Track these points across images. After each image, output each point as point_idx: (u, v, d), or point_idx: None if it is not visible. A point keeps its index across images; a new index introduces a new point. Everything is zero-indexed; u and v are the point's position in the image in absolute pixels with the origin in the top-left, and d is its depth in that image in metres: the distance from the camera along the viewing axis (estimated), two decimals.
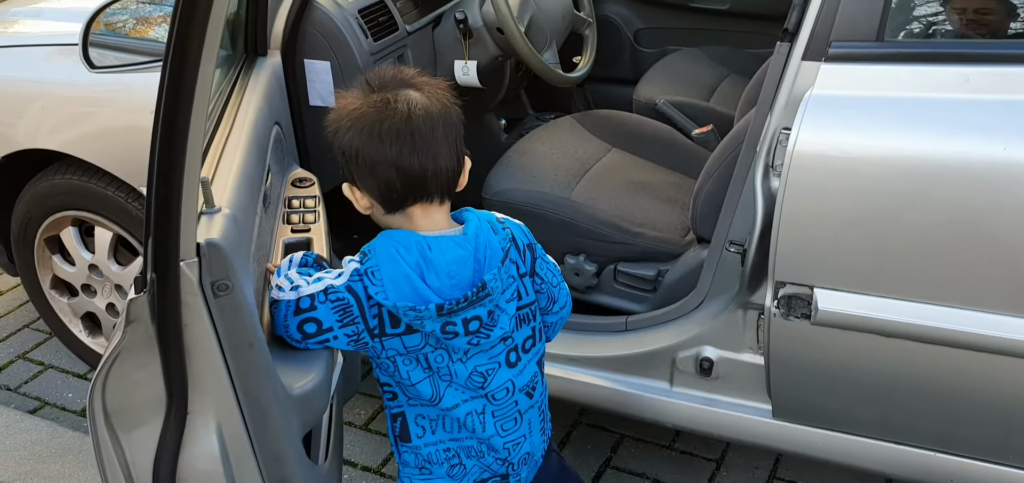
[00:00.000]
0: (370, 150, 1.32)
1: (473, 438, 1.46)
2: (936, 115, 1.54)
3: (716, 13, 3.40)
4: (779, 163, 1.70)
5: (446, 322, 1.33)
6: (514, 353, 1.46)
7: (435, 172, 1.34)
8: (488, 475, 1.51)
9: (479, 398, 1.44)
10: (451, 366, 1.40)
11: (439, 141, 1.34)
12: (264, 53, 1.94)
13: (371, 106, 1.33)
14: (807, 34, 1.63)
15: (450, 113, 1.38)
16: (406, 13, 2.50)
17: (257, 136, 1.56)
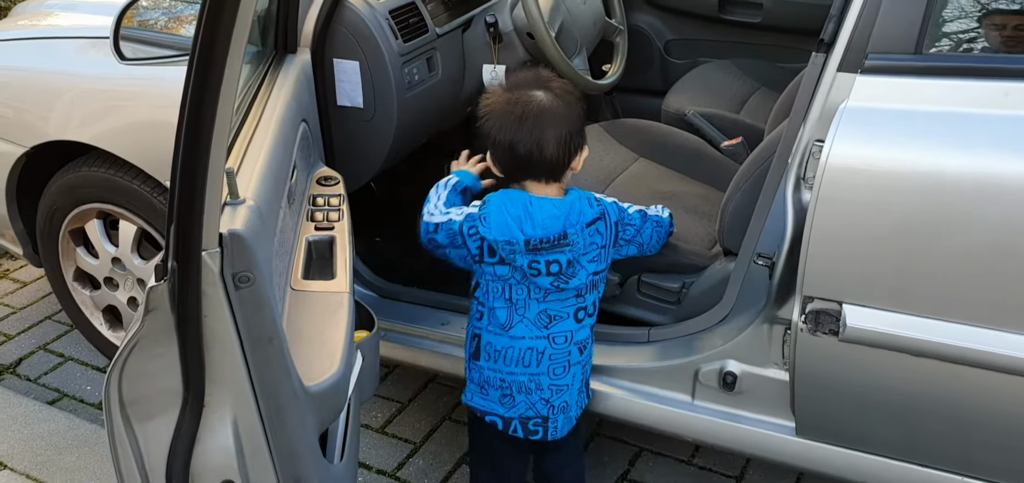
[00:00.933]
0: (495, 133, 1.73)
1: (526, 374, 1.81)
2: (974, 131, 1.50)
3: (748, 26, 3.37)
4: (811, 175, 1.67)
5: (532, 260, 1.71)
6: (582, 312, 1.83)
7: (540, 158, 1.69)
8: (532, 413, 1.84)
9: (542, 338, 1.79)
10: (528, 302, 1.78)
11: (547, 133, 1.68)
12: (294, 50, 1.94)
13: (505, 100, 1.73)
14: (843, 45, 1.60)
15: (566, 112, 1.72)
16: (437, 15, 2.49)
17: (284, 132, 1.55)
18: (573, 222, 1.72)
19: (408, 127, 2.31)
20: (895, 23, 1.55)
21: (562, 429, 1.89)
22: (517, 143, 1.69)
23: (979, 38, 1.59)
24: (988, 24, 1.65)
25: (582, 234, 1.73)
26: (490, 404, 1.85)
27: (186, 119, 0.96)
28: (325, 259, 1.60)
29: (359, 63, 2.17)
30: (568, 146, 1.71)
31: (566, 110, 1.72)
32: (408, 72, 2.24)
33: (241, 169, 1.26)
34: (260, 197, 1.20)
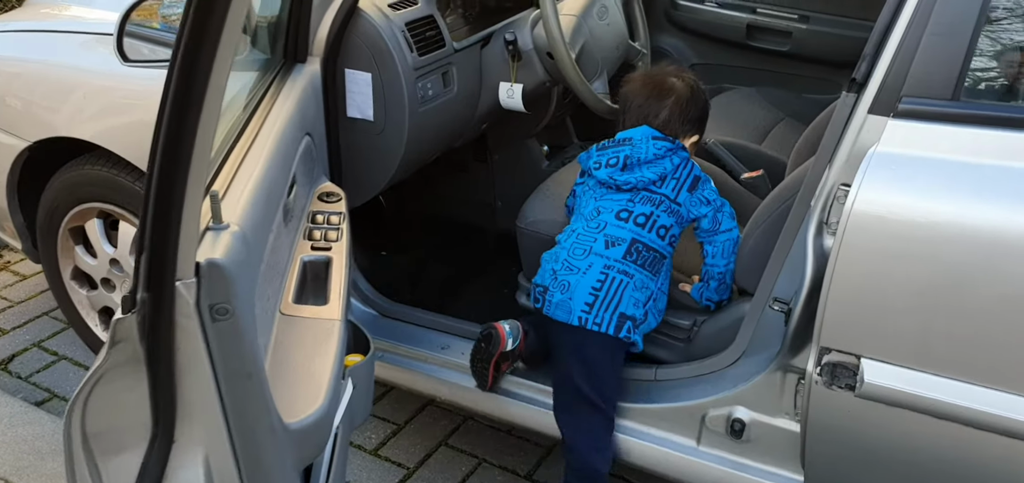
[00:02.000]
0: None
1: (557, 246, 2.00)
2: (1012, 186, 1.41)
3: (775, 54, 3.29)
4: (834, 220, 1.59)
5: (596, 160, 1.99)
6: (626, 213, 1.95)
7: (652, 121, 2.01)
8: (540, 281, 1.98)
9: (583, 222, 1.99)
10: (587, 200, 2.01)
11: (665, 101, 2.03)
12: (304, 60, 1.88)
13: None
14: (876, 86, 1.52)
15: (691, 96, 2.06)
16: (455, 29, 2.42)
17: (283, 146, 1.49)
18: (639, 133, 1.97)
19: (419, 143, 2.24)
20: (932, 67, 1.47)
21: (556, 310, 1.92)
22: (632, 104, 2.03)
23: (1020, 87, 1.50)
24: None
25: (648, 142, 1.95)
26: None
27: (163, 135, 0.89)
28: (320, 280, 1.53)
29: (372, 75, 2.11)
30: (678, 124, 2.01)
31: (690, 97, 2.04)
32: (422, 87, 2.17)
33: (231, 187, 1.19)
34: (248, 220, 1.13)
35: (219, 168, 1.23)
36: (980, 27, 1.43)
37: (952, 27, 1.45)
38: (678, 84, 2.05)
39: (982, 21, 1.43)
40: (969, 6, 1.43)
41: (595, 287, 1.90)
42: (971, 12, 1.43)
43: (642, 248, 1.93)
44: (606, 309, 1.90)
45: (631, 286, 1.91)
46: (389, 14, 2.11)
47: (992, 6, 1.44)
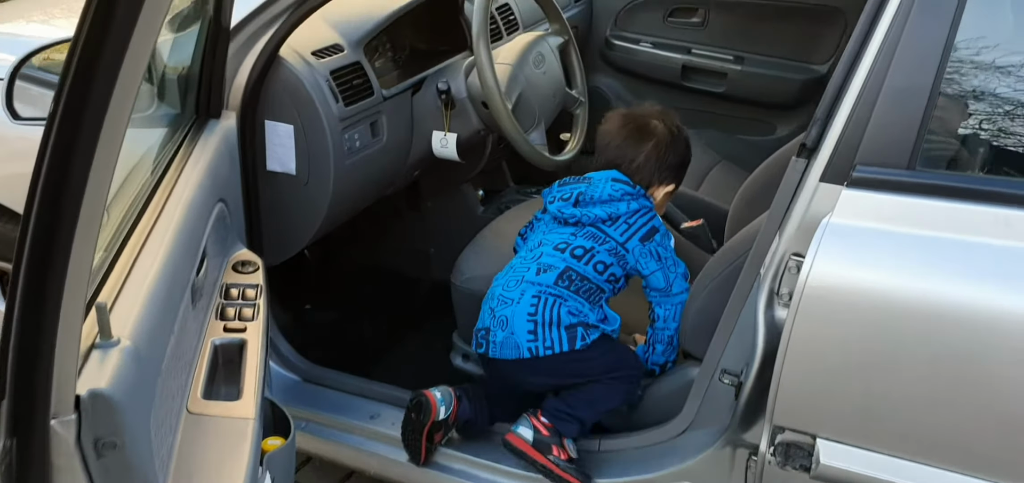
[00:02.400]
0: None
1: (492, 289, 1.91)
2: (973, 261, 1.35)
3: (711, 95, 3.26)
4: (786, 291, 1.52)
5: (554, 191, 1.93)
6: (565, 246, 1.86)
7: (627, 166, 1.93)
8: (481, 324, 1.89)
9: (522, 254, 1.93)
10: (535, 233, 1.97)
11: (644, 146, 1.95)
12: (218, 114, 1.72)
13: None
14: (828, 153, 1.44)
15: (670, 140, 1.97)
16: (385, 74, 2.30)
17: (192, 219, 1.34)
18: (602, 174, 1.91)
19: (346, 195, 2.11)
20: (887, 133, 1.40)
21: (501, 349, 1.82)
22: (611, 145, 1.96)
23: (980, 156, 1.45)
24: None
25: (606, 182, 1.88)
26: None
27: (30, 238, 0.73)
28: (233, 366, 1.38)
29: (294, 126, 1.97)
30: (654, 170, 1.94)
31: (670, 143, 1.96)
32: (349, 137, 2.04)
33: (128, 283, 1.03)
34: (142, 329, 0.98)
35: (115, 259, 1.08)
36: (936, 93, 1.37)
37: (907, 93, 1.38)
38: (659, 128, 1.96)
39: (938, 87, 1.37)
40: (924, 72, 1.37)
41: (531, 312, 1.81)
42: (926, 78, 1.37)
43: (575, 276, 1.84)
44: (550, 328, 1.80)
45: (565, 307, 1.81)
46: (312, 62, 1.97)
47: (949, 71, 1.38)
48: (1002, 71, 1.42)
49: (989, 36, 1.42)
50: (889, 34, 1.38)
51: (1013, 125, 1.43)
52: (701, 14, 3.21)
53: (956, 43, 1.35)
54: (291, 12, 1.89)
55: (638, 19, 3.30)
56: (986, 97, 1.45)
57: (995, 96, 1.44)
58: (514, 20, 2.73)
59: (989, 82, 1.43)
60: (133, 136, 1.60)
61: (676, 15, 3.25)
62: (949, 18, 1.34)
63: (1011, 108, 1.44)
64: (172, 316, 1.13)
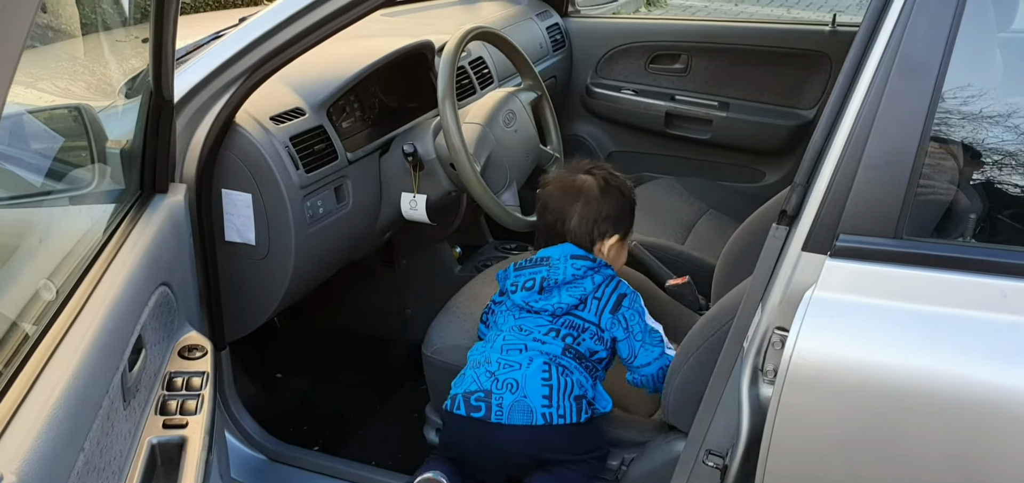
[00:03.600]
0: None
1: (478, 354, 1.81)
2: (966, 335, 1.25)
3: (696, 142, 3.19)
4: (771, 368, 1.41)
5: (513, 280, 1.83)
6: (554, 334, 1.78)
7: (562, 229, 1.85)
8: (475, 386, 1.75)
9: (503, 331, 1.82)
10: (506, 317, 1.83)
11: (572, 209, 1.85)
12: (164, 189, 1.63)
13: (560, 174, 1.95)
14: (809, 221, 1.35)
15: (600, 197, 1.86)
16: (352, 135, 2.21)
17: (120, 315, 1.24)
18: (561, 251, 1.81)
19: (309, 265, 2.01)
20: (871, 201, 1.30)
21: (509, 413, 1.71)
22: (547, 211, 1.87)
23: (971, 223, 1.35)
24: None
25: (566, 261, 1.80)
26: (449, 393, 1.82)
27: None
28: (173, 466, 1.28)
29: (252, 196, 1.87)
30: (591, 228, 1.83)
31: (601, 196, 1.84)
32: (311, 205, 1.95)
33: (21, 410, 0.93)
34: (41, 453, 0.88)
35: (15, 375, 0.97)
36: (921, 158, 1.28)
37: (890, 158, 1.29)
38: (587, 182, 1.86)
39: (923, 152, 1.28)
40: (907, 136, 1.28)
41: (545, 378, 1.73)
42: (910, 142, 1.27)
43: (573, 355, 1.78)
44: (564, 397, 1.73)
45: (573, 379, 1.76)
46: (270, 128, 1.89)
47: (934, 134, 1.29)
48: (991, 133, 1.33)
49: (975, 97, 1.33)
50: (868, 96, 1.29)
51: (1005, 189, 1.34)
52: (684, 60, 3.14)
53: (940, 105, 1.26)
54: (247, 77, 1.80)
55: (619, 66, 3.23)
56: (975, 161, 1.36)
57: (985, 159, 1.36)
58: (488, 74, 2.66)
59: (977, 145, 1.35)
60: (69, 217, 1.52)
61: (658, 61, 3.18)
62: (932, 79, 1.25)
63: (1002, 172, 1.35)
64: (83, 429, 1.02)
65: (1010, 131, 1.34)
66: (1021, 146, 1.34)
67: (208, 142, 1.79)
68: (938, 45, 1.26)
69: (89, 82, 1.82)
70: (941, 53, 1.25)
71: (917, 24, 1.27)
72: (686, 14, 8.43)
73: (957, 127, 1.33)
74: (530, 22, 3.07)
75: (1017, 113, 1.34)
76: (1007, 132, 1.34)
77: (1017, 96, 1.40)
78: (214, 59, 1.77)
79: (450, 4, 3.18)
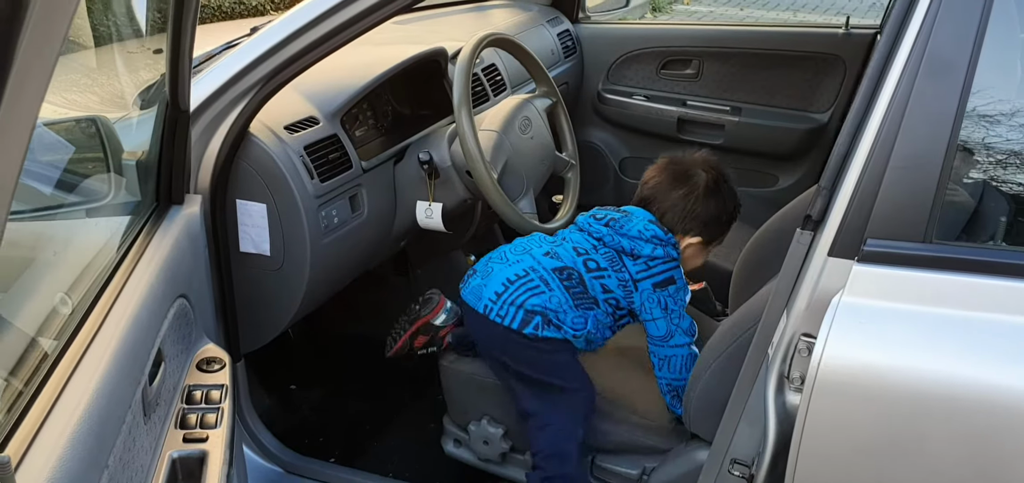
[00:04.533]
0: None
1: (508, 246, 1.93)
2: (997, 340, 1.23)
3: (708, 147, 3.13)
4: (797, 375, 1.39)
5: (587, 218, 1.91)
6: (582, 250, 1.85)
7: (654, 206, 1.90)
8: (480, 266, 1.92)
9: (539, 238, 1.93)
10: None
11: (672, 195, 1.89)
12: (180, 201, 1.62)
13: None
14: (836, 226, 1.32)
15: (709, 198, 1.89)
16: (365, 144, 2.20)
17: (141, 328, 1.22)
18: (642, 212, 1.87)
19: (325, 274, 1.99)
20: (900, 204, 1.28)
21: (469, 295, 1.88)
22: (650, 181, 1.93)
23: (1003, 226, 1.33)
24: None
25: (643, 220, 1.85)
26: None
27: None
28: (194, 480, 1.26)
29: (267, 206, 1.86)
30: (682, 218, 1.87)
31: (705, 195, 1.88)
32: (326, 214, 1.93)
33: (45, 427, 0.91)
34: (63, 476, 0.86)
35: (37, 391, 0.96)
36: (951, 160, 1.26)
37: (919, 159, 1.27)
38: (698, 176, 1.89)
39: (952, 154, 1.26)
40: (936, 138, 1.26)
41: (509, 279, 1.84)
42: (939, 144, 1.25)
43: (575, 279, 1.84)
44: (512, 301, 1.82)
45: (539, 299, 1.81)
46: (285, 138, 1.87)
47: (963, 136, 1.26)
48: (1021, 133, 1.31)
49: (1004, 97, 1.31)
50: (895, 98, 1.26)
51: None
52: (695, 65, 3.12)
53: (969, 106, 1.24)
54: (261, 86, 1.78)
55: (631, 72, 3.22)
56: (1006, 162, 1.34)
57: (1017, 161, 1.33)
58: (501, 81, 2.64)
59: (1007, 145, 1.32)
60: (86, 230, 1.51)
61: (669, 67, 3.16)
62: (960, 79, 1.23)
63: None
64: (107, 446, 1.01)
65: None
66: None
67: (223, 152, 1.77)
68: (966, 45, 1.23)
69: (103, 94, 1.81)
70: (969, 53, 1.23)
71: (944, 24, 1.25)
72: (692, 19, 8.42)
73: (986, 127, 1.30)
74: (541, 28, 3.06)
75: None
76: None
77: None
78: (227, 69, 1.76)
79: (461, 11, 3.16)
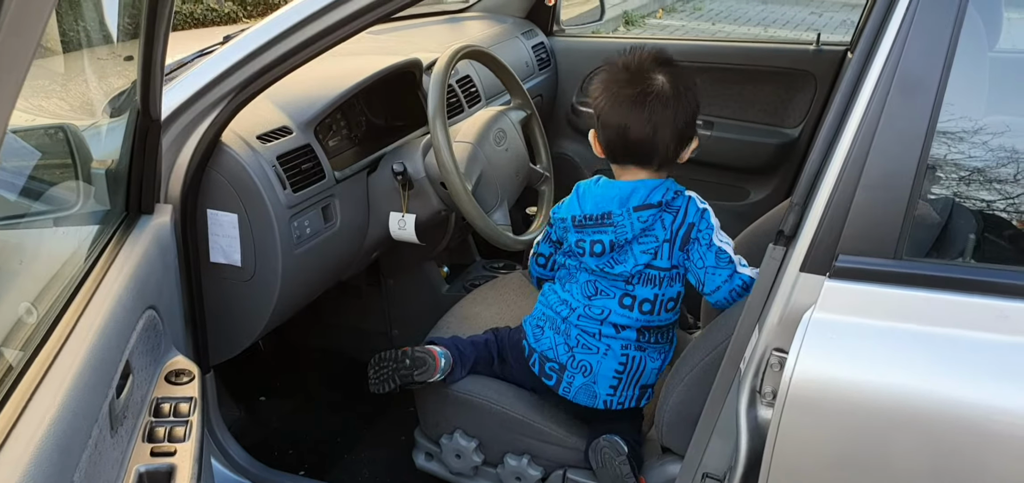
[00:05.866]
0: (606, 113, 1.71)
1: (560, 316, 1.83)
2: (967, 356, 1.25)
3: None
4: (769, 389, 1.40)
5: (579, 238, 1.77)
6: (629, 299, 1.77)
7: (651, 145, 1.68)
8: (552, 354, 1.83)
9: (582, 301, 1.80)
10: (578, 273, 1.81)
11: (664, 120, 1.66)
12: (150, 210, 1.59)
13: (624, 78, 1.69)
14: (808, 241, 1.34)
15: (685, 99, 1.68)
16: (338, 154, 2.19)
17: (109, 340, 1.20)
18: (622, 202, 1.71)
19: (296, 286, 1.98)
20: (871, 221, 1.30)
21: (576, 393, 1.82)
22: (631, 127, 1.68)
23: (972, 243, 1.35)
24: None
25: (630, 216, 1.71)
26: (528, 328, 1.88)
27: None
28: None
29: (238, 215, 1.84)
30: (680, 136, 1.70)
31: (685, 97, 1.69)
32: (298, 225, 1.92)
33: (14, 434, 0.89)
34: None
35: (11, 390, 0.94)
36: (921, 177, 1.27)
37: (890, 177, 1.28)
38: (657, 82, 1.66)
39: (923, 171, 1.27)
40: (907, 155, 1.27)
41: (618, 370, 1.81)
42: (910, 161, 1.27)
43: (651, 331, 1.82)
44: (631, 386, 1.83)
45: (649, 360, 1.83)
46: (257, 147, 1.85)
47: (933, 154, 1.28)
48: (991, 152, 1.33)
49: (973, 115, 1.33)
50: (867, 115, 1.28)
51: (1006, 210, 1.33)
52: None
53: (939, 124, 1.26)
54: (234, 96, 1.77)
55: None
56: (976, 180, 1.36)
57: (985, 179, 1.35)
58: (476, 93, 2.64)
59: (978, 164, 1.34)
60: (54, 239, 1.48)
61: None
62: (931, 98, 1.25)
63: (1003, 191, 1.35)
64: (73, 462, 0.99)
65: (1008, 150, 1.33)
66: (1020, 167, 1.34)
67: (194, 162, 1.75)
68: (937, 63, 1.25)
69: (72, 100, 1.78)
70: (940, 72, 1.25)
71: (915, 43, 1.27)
72: (665, 34, 8.49)
73: (956, 146, 1.32)
74: (516, 41, 3.07)
75: (1013, 131, 1.34)
76: (1005, 151, 1.34)
77: (1013, 115, 1.40)
78: (200, 78, 1.74)
79: (436, 23, 3.16)
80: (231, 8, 6.84)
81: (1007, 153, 1.34)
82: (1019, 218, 1.35)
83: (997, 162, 1.34)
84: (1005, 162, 1.34)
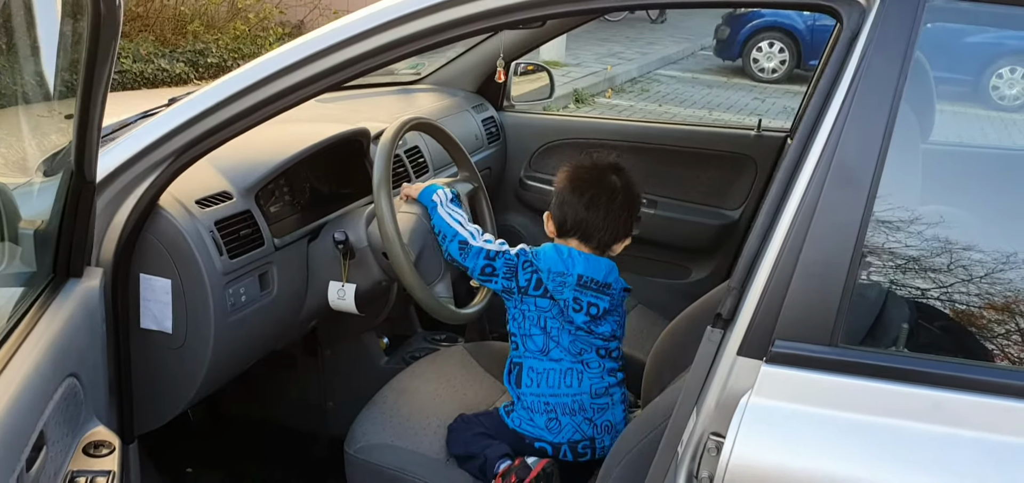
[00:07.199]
0: (575, 196, 1.94)
1: (569, 395, 1.92)
2: (900, 447, 1.25)
3: None
4: (705, 474, 1.39)
5: (577, 295, 1.89)
6: (604, 351, 1.97)
7: (613, 233, 1.95)
8: (579, 436, 1.93)
9: (578, 362, 1.93)
10: (561, 332, 1.92)
11: (629, 217, 1.96)
12: (79, 273, 1.54)
13: (596, 172, 1.97)
14: (745, 325, 1.34)
15: (635, 196, 1.99)
16: (280, 220, 2.15)
17: (21, 411, 1.14)
18: (615, 277, 1.95)
19: (228, 355, 1.93)
20: (807, 307, 1.30)
21: (610, 445, 1.86)
22: (606, 215, 1.92)
23: (905, 332, 1.36)
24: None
25: (620, 295, 1.98)
26: (537, 430, 1.92)
27: None
28: None
29: (172, 281, 1.79)
30: (630, 227, 1.98)
31: (636, 194, 1.98)
32: (233, 292, 1.87)
33: None
34: None
35: None
36: (856, 265, 1.29)
37: (826, 264, 1.30)
38: (629, 184, 1.98)
39: (858, 258, 1.29)
40: (843, 242, 1.29)
41: (624, 407, 2.00)
42: (846, 249, 1.29)
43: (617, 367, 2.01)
44: (628, 411, 2.01)
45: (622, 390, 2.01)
46: (195, 212, 1.82)
47: (868, 244, 1.30)
48: (925, 242, 1.36)
49: (909, 206, 1.36)
50: (804, 203, 1.30)
51: (939, 298, 1.36)
52: (614, 158, 3.18)
53: (874, 213, 1.28)
54: (174, 158, 1.73)
55: (552, 160, 3.26)
56: (911, 269, 1.38)
57: (919, 268, 1.38)
58: (424, 163, 2.64)
59: (912, 253, 1.37)
60: None
61: None
62: (866, 189, 1.27)
63: (937, 281, 1.37)
64: None
65: (941, 240, 1.37)
66: (954, 257, 1.37)
67: (129, 225, 1.71)
68: (872, 154, 1.28)
69: (5, 157, 1.73)
70: (875, 161, 1.28)
71: (851, 133, 1.30)
72: (613, 113, 8.64)
73: (892, 235, 1.35)
74: (466, 114, 3.08)
75: (946, 222, 1.38)
76: (939, 241, 1.37)
77: (946, 205, 1.43)
78: (141, 139, 1.71)
79: (387, 93, 3.17)
80: (182, 69, 6.80)
81: (940, 243, 1.37)
82: (952, 308, 1.38)
83: (931, 252, 1.37)
84: (939, 252, 1.37)
